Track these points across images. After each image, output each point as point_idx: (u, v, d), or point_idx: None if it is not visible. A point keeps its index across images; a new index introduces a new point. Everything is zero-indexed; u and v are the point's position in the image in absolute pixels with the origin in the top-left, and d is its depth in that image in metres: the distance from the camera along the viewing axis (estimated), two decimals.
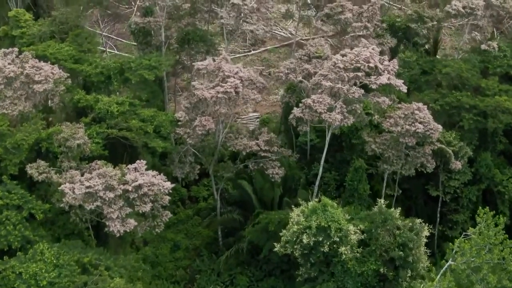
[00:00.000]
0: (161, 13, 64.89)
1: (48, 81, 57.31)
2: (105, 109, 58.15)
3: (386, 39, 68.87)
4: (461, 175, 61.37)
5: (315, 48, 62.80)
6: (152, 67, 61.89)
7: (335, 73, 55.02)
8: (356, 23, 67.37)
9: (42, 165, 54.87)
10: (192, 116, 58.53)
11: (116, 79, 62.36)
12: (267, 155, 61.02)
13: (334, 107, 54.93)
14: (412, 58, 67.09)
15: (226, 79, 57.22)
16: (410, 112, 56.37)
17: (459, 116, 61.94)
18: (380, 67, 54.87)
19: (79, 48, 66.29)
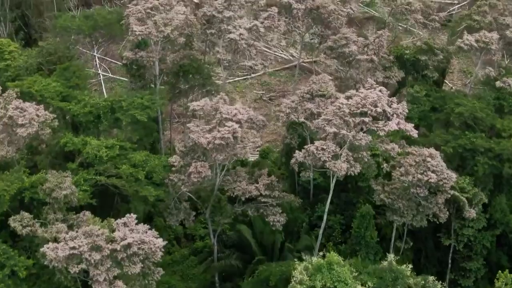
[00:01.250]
0: (155, 47, 60.84)
1: (33, 125, 53.41)
2: (93, 154, 54.15)
3: (394, 72, 64.87)
4: (475, 223, 57.37)
5: (318, 85, 58.75)
6: (144, 106, 57.92)
7: (339, 118, 51.00)
8: (362, 55, 63.33)
9: (26, 217, 50.88)
10: (187, 161, 54.56)
11: (106, 119, 58.38)
12: (268, 200, 56.98)
13: (340, 155, 50.91)
14: (421, 93, 63.13)
15: (223, 121, 53.31)
16: (421, 159, 52.31)
17: (473, 160, 57.85)
18: (388, 110, 50.86)
19: (67, 83, 62.44)
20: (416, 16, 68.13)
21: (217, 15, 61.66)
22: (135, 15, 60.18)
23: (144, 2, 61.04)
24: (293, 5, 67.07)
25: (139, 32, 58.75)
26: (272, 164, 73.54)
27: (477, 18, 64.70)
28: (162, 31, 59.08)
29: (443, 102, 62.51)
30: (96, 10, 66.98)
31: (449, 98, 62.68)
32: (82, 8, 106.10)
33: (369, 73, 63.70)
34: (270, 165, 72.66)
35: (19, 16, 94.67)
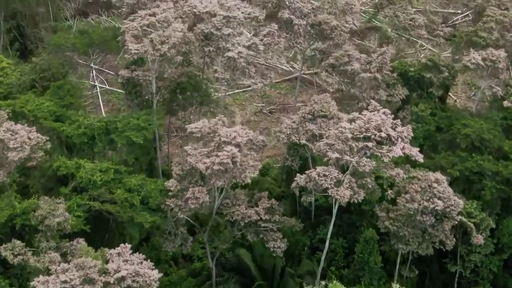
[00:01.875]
0: (152, 65, 58.85)
1: (24, 149, 51.49)
2: (87, 178, 52.23)
3: (397, 90, 62.84)
4: (482, 248, 55.44)
5: (320, 105, 56.83)
6: (140, 127, 55.97)
7: (342, 142, 49.08)
8: (365, 73, 61.35)
9: (18, 245, 48.95)
10: (184, 185, 52.65)
11: (101, 140, 56.44)
12: (268, 225, 55.04)
13: (342, 181, 48.98)
14: (426, 112, 61.15)
15: (222, 145, 51.40)
16: (427, 185, 50.36)
17: (480, 183, 55.88)
18: (392, 135, 48.95)
19: (61, 102, 60.53)
20: (420, 31, 66.14)
21: (216, 32, 59.68)
22: (131, 31, 58.21)
23: (141, 19, 59.08)
24: (294, 20, 65.07)
25: (135, 51, 56.80)
26: (272, 180, 71.68)
27: (484, 35, 62.72)
28: (159, 49, 57.12)
29: (448, 122, 60.54)
30: (91, 27, 64.76)
31: (455, 118, 60.68)
32: (79, 17, 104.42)
33: (372, 91, 61.72)
34: (270, 182, 70.82)
35: (14, 26, 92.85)
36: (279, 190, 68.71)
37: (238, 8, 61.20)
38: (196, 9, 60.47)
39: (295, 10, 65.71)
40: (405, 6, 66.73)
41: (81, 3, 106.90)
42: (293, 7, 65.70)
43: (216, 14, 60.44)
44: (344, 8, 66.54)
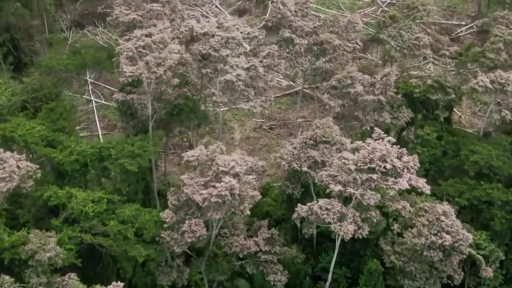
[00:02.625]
0: (148, 89, 56.49)
1: (13, 179, 49.23)
2: (78, 209, 49.97)
3: (402, 112, 60.53)
4: (491, 280, 53.16)
5: (322, 130, 54.54)
6: (135, 154, 53.63)
7: (345, 173, 46.79)
8: (368, 95, 59.03)
9: (7, 281, 46.87)
10: (180, 216, 50.43)
11: (94, 167, 54.13)
12: (268, 257, 52.79)
13: (346, 215, 46.70)
14: (432, 136, 58.86)
15: (220, 175, 49.15)
16: (435, 218, 48.08)
17: (489, 212, 53.61)
18: (398, 166, 46.68)
19: (53, 125, 58.23)
20: (426, 51, 63.78)
21: (213, 53, 57.35)
22: (126, 53, 55.92)
23: (136, 39, 56.77)
24: (295, 40, 62.75)
25: (130, 73, 54.52)
26: (273, 202, 69.32)
27: (491, 56, 60.36)
28: (155, 72, 54.83)
29: (456, 146, 58.29)
30: (85, 47, 62.40)
31: (462, 143, 58.36)
32: (75, 29, 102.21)
33: (376, 113, 59.41)
34: (270, 203, 68.52)
35: (8, 40, 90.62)
36: (279, 212, 66.46)
37: (237, 28, 58.84)
38: (193, 30, 58.08)
39: (296, 29, 63.40)
40: (409, 25, 64.31)
41: (77, 14, 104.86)
42: (294, 25, 63.38)
43: (214, 34, 58.14)
44: (346, 27, 64.19)
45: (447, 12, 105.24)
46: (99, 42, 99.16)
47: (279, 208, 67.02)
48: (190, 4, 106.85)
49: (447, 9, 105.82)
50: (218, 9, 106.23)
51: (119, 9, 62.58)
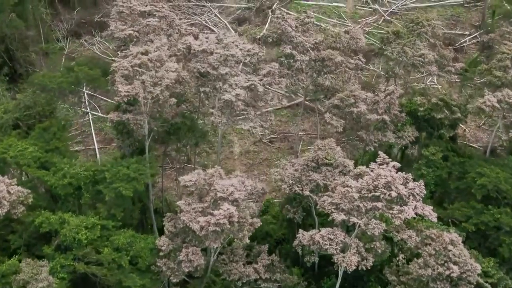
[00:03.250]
0: (144, 108, 54.61)
1: (3, 205, 47.43)
2: (71, 236, 48.11)
3: (407, 131, 58.67)
4: None
5: (324, 152, 52.65)
6: (130, 178, 51.73)
7: (349, 201, 44.93)
8: (371, 114, 57.16)
9: None
10: (177, 244, 48.60)
11: (88, 191, 52.27)
12: (268, 285, 50.91)
13: (349, 245, 44.83)
14: (438, 156, 56.99)
15: (218, 201, 47.29)
16: (442, 247, 46.20)
17: (497, 239, 51.76)
18: (404, 193, 44.82)
19: (46, 146, 56.33)
20: (430, 68, 61.90)
21: (212, 71, 55.46)
22: (122, 71, 54.02)
23: (132, 57, 54.87)
24: (296, 56, 60.87)
25: (125, 93, 52.60)
26: (273, 219, 67.48)
27: (499, 74, 58.46)
28: (151, 92, 52.95)
29: (462, 168, 56.42)
30: (79, 64, 60.53)
31: (469, 164, 56.47)
32: (71, 38, 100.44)
33: (380, 133, 57.57)
34: (270, 221, 66.71)
35: (2, 50, 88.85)
36: (280, 232, 64.61)
37: (236, 45, 56.95)
38: (191, 47, 56.21)
39: (297, 45, 61.52)
40: (414, 41, 62.40)
41: (73, 23, 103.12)
42: (295, 41, 61.49)
43: (213, 52, 56.24)
44: (349, 43, 62.32)
45: (450, 22, 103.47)
46: (96, 52, 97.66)
47: (279, 227, 65.21)
48: (189, 13, 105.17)
49: (450, 18, 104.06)
50: (217, 18, 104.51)
51: (114, 24, 60.71)
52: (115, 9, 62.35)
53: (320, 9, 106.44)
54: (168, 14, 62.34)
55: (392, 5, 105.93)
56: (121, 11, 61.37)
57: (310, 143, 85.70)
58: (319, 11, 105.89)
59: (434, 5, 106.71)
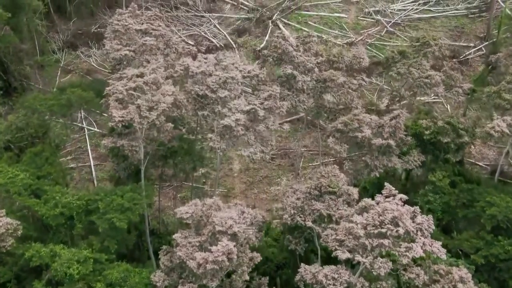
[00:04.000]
0: (139, 134, 52.44)
1: None
2: (63, 271, 45.92)
3: (413, 156, 56.48)
4: None
5: (327, 179, 50.50)
6: (125, 208, 49.57)
7: (353, 238, 42.75)
8: (376, 139, 54.99)
9: None
10: (173, 280, 46.42)
11: (80, 221, 50.11)
12: None
13: (354, 285, 42.64)
14: (445, 182, 54.84)
15: (216, 235, 45.13)
16: (451, 286, 44.00)
17: (507, 272, 49.62)
18: (411, 229, 42.64)
19: (37, 172, 54.20)
20: (437, 89, 59.68)
21: (211, 94, 53.28)
22: (116, 95, 51.87)
23: (127, 80, 52.71)
24: (297, 76, 58.70)
25: (120, 118, 50.44)
26: (273, 242, 65.34)
27: (508, 97, 56.30)
28: (147, 117, 50.78)
29: (470, 196, 54.25)
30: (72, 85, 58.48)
31: (477, 192, 54.29)
32: (68, 50, 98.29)
33: (385, 158, 55.40)
34: (271, 243, 64.58)
35: None
36: (280, 256, 62.46)
37: (236, 67, 54.77)
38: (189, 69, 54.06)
39: (298, 65, 59.34)
40: (420, 61, 60.18)
41: (70, 34, 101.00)
42: (296, 61, 59.31)
43: (212, 74, 54.06)
44: (351, 62, 60.12)
45: (454, 33, 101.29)
46: (92, 64, 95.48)
47: (280, 250, 63.07)
48: (188, 24, 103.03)
49: (454, 29, 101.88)
50: (216, 29, 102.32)
51: (109, 44, 58.53)
52: (110, 28, 60.16)
53: (321, 20, 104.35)
54: (165, 33, 60.16)
55: (395, 16, 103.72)
56: (116, 29, 59.20)
57: (311, 159, 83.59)
58: (320, 22, 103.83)
59: (437, 15, 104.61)
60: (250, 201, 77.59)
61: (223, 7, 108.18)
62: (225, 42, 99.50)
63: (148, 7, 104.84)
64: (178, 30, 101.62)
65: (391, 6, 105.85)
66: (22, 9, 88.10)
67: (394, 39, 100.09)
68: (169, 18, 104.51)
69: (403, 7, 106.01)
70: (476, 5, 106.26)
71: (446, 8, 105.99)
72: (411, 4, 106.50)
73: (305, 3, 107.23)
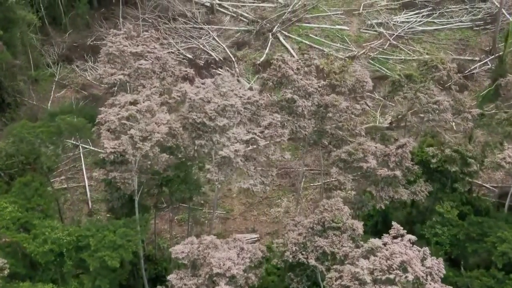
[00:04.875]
0: (133, 165, 49.97)
1: None
2: None
3: (420, 186, 53.99)
4: None
5: (331, 213, 48.05)
6: (117, 245, 47.09)
7: (360, 284, 40.28)
8: (382, 169, 52.47)
9: None
10: None
11: (71, 258, 47.64)
12: None
13: None
14: (453, 213, 52.40)
15: (214, 277, 42.68)
16: None
17: None
18: (421, 275, 40.17)
19: (26, 204, 51.74)
20: (446, 116, 57.12)
21: (209, 123, 50.77)
22: (108, 124, 49.39)
23: (120, 108, 50.23)
24: (298, 101, 56.18)
25: (111, 149, 47.99)
26: (274, 269, 62.85)
27: None
28: (140, 148, 48.31)
29: (480, 229, 51.79)
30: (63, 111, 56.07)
31: (488, 226, 51.82)
32: (63, 64, 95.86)
33: (391, 189, 52.92)
34: (271, 270, 62.16)
35: None
36: (282, 285, 60.01)
37: (235, 93, 52.27)
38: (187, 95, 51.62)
39: (299, 89, 56.83)
40: (428, 86, 57.62)
41: (65, 47, 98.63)
42: (297, 85, 56.79)
43: (210, 100, 51.58)
44: (354, 86, 57.62)
45: (459, 46, 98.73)
46: (87, 79, 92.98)
47: (280, 281, 60.61)
48: (186, 37, 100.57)
49: (459, 42, 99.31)
50: (215, 41, 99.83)
51: (103, 68, 56.05)
52: (103, 51, 57.66)
53: (322, 32, 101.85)
54: (161, 56, 57.66)
55: (398, 29, 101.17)
56: (110, 52, 56.71)
57: (313, 179, 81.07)
58: (321, 34, 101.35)
59: (441, 28, 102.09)
60: (249, 224, 75.22)
61: (222, 19, 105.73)
62: (224, 55, 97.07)
63: (145, 19, 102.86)
64: (176, 43, 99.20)
65: (394, 18, 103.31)
66: (15, 24, 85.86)
67: (397, 53, 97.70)
68: (166, 30, 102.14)
69: (406, 19, 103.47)
70: (481, 17, 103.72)
71: (450, 20, 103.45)
72: (414, 16, 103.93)
73: (306, 15, 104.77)
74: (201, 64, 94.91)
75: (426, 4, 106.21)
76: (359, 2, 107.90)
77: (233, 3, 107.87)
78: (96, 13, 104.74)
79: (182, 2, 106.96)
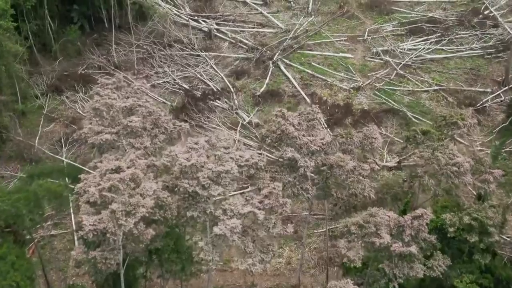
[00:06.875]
0: (115, 244, 44.73)
1: None
2: None
3: (437, 260, 48.75)
4: None
5: None
6: None
7: None
8: (396, 243, 47.19)
9: None
10: None
11: None
12: None
13: None
14: None
15: None
16: None
17: None
18: None
19: (1, 280, 46.68)
20: (466, 178, 51.79)
21: (202, 192, 45.65)
22: (87, 196, 44.23)
23: (100, 177, 45.07)
24: (300, 161, 50.95)
25: (91, 227, 42.87)
26: None
27: None
28: (123, 224, 43.19)
29: None
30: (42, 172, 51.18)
31: None
32: (52, 94, 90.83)
33: (406, 265, 47.69)
34: None
35: None
36: None
37: (231, 157, 47.16)
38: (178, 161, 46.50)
39: (301, 147, 51.60)
40: (447, 144, 52.26)
41: (54, 76, 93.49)
42: (299, 142, 51.56)
43: (204, 166, 46.43)
44: (362, 143, 52.47)
45: (469, 76, 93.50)
46: (78, 112, 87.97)
47: None
48: (183, 64, 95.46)
49: (469, 72, 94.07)
50: (213, 70, 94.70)
51: (88, 125, 50.94)
52: (89, 105, 52.59)
53: (325, 60, 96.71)
54: (154, 110, 52.51)
55: (405, 57, 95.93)
56: (97, 107, 51.54)
57: (316, 224, 75.87)
58: (324, 63, 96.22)
59: (451, 56, 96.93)
60: (248, 278, 70.25)
61: (220, 45, 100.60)
62: (222, 85, 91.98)
63: (139, 45, 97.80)
64: (172, 72, 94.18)
65: (400, 45, 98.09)
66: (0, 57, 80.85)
67: (404, 83, 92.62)
68: (162, 57, 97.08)
69: (414, 46, 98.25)
70: (492, 44, 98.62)
71: (460, 48, 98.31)
72: (422, 43, 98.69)
73: (308, 41, 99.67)
74: (198, 95, 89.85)
75: (434, 30, 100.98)
76: (364, 27, 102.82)
77: (232, 28, 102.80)
78: (88, 39, 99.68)
79: (179, 27, 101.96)
